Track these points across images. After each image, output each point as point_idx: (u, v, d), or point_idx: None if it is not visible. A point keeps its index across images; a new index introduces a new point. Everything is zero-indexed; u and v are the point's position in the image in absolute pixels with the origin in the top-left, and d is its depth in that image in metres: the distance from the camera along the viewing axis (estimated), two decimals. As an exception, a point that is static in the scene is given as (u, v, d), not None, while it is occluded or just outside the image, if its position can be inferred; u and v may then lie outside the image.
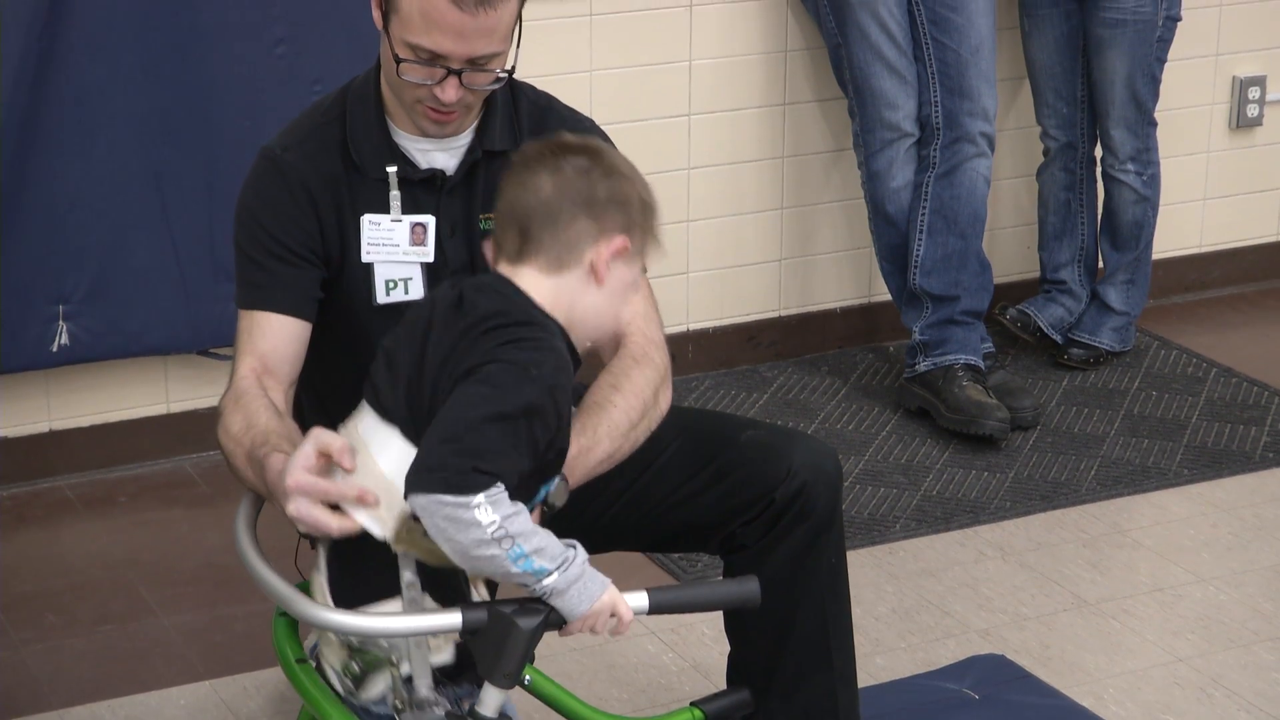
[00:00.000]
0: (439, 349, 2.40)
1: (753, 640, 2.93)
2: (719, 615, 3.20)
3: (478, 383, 2.34)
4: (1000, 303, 4.96)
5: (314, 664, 2.61)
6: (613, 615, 2.38)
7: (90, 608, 3.80)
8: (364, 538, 2.40)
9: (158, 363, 4.34)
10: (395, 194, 2.76)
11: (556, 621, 2.36)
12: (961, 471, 4.39)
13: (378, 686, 2.47)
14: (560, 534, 2.37)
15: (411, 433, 2.38)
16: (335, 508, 2.39)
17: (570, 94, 2.98)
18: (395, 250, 2.76)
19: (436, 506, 2.28)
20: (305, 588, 2.54)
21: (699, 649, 3.65)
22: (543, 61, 4.43)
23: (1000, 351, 4.89)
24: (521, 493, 2.35)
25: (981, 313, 4.69)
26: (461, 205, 2.78)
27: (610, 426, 2.66)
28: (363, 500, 2.37)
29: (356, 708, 2.50)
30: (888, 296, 4.85)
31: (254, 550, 2.52)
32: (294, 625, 2.66)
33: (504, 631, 2.33)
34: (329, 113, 2.80)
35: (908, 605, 3.84)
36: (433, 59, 2.65)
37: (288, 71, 4.18)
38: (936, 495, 4.28)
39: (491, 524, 2.28)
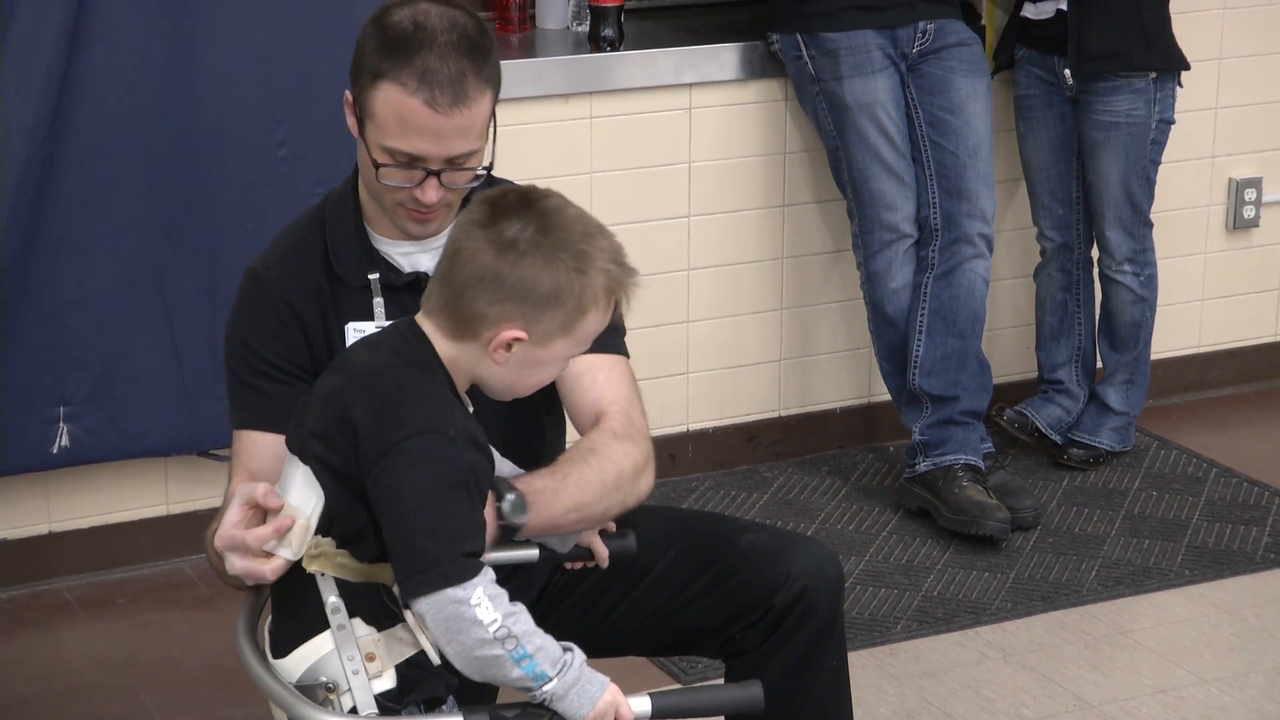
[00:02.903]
0: (337, 392, 2.44)
1: (755, 745, 2.91)
2: None
3: (411, 463, 2.34)
4: (999, 403, 4.96)
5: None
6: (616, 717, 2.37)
7: (89, 711, 3.78)
8: (291, 580, 2.43)
9: (158, 464, 4.34)
10: (378, 300, 2.76)
11: (558, 725, 2.35)
12: (962, 572, 4.38)
13: None
14: (561, 639, 2.37)
15: (315, 465, 2.43)
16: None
17: (571, 195, 2.99)
18: None
19: (442, 604, 2.28)
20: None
21: (700, 752, 3.63)
22: (544, 163, 4.46)
23: (1000, 452, 4.89)
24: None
25: (981, 413, 4.69)
26: None
27: (580, 479, 2.61)
28: (279, 531, 2.40)
29: None
30: (888, 397, 4.86)
31: (253, 653, 2.51)
32: (294, 729, 2.65)
33: (506, 738, 2.33)
34: (309, 226, 2.80)
35: (909, 707, 3.82)
36: (411, 161, 2.66)
37: (290, 174, 4.21)
38: (937, 596, 4.27)
39: (493, 623, 2.29)
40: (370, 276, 2.76)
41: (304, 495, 2.42)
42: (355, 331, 2.75)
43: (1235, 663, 4.01)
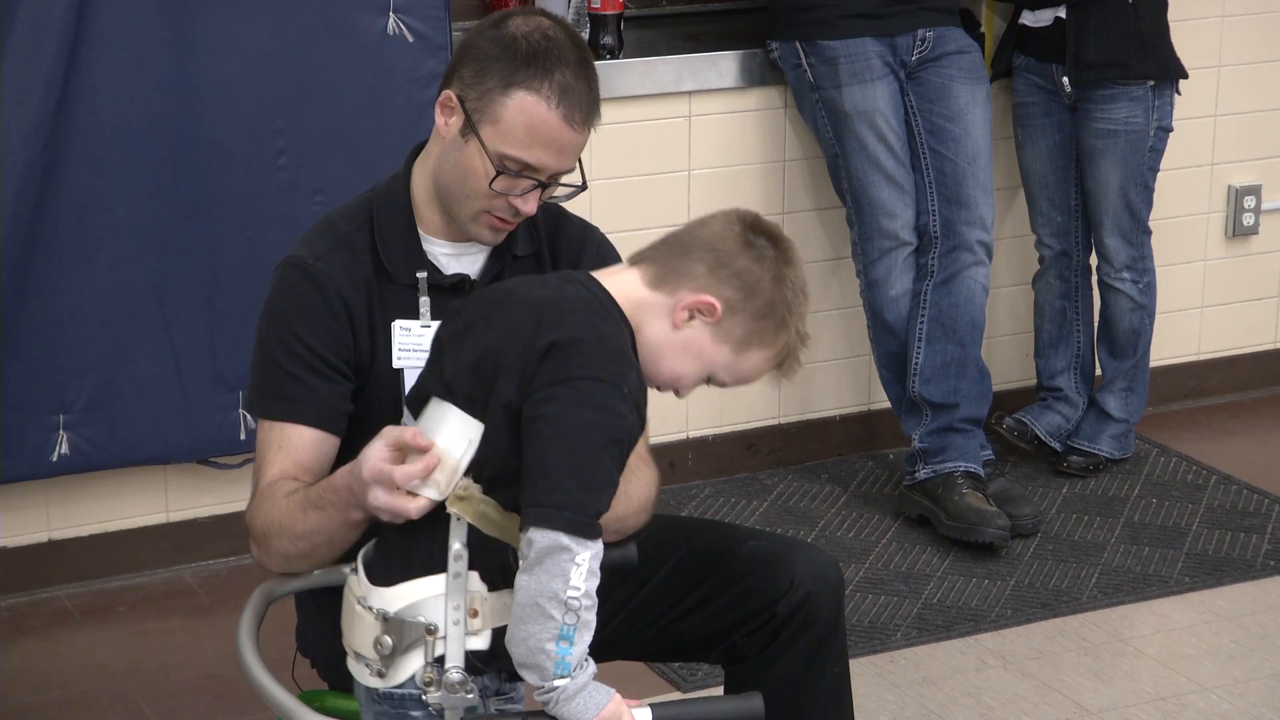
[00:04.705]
0: (515, 323, 2.43)
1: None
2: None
3: (581, 403, 2.36)
4: (998, 411, 4.96)
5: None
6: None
7: (88, 719, 3.78)
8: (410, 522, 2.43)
9: (157, 472, 4.34)
10: (425, 299, 2.77)
11: (563, 734, 2.35)
12: (962, 579, 4.38)
13: (408, 668, 2.42)
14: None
15: (469, 406, 2.41)
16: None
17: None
18: (424, 355, 2.76)
19: (551, 542, 2.29)
20: (306, 698, 2.53)
21: (700, 759, 3.63)
22: (542, 172, 4.46)
23: (1000, 459, 4.89)
24: None
25: (981, 420, 4.69)
26: None
27: (627, 496, 2.66)
28: (427, 470, 2.40)
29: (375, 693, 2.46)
30: (887, 404, 4.86)
31: (257, 660, 2.50)
32: (294, 737, 2.65)
33: (508, 743, 2.32)
34: (355, 219, 2.79)
35: (909, 714, 3.82)
36: (522, 171, 2.67)
37: (289, 183, 4.21)
38: (937, 603, 4.27)
39: (575, 591, 2.30)
40: (419, 275, 2.77)
41: (454, 437, 2.41)
42: (402, 330, 2.76)
43: (1235, 670, 4.01)
